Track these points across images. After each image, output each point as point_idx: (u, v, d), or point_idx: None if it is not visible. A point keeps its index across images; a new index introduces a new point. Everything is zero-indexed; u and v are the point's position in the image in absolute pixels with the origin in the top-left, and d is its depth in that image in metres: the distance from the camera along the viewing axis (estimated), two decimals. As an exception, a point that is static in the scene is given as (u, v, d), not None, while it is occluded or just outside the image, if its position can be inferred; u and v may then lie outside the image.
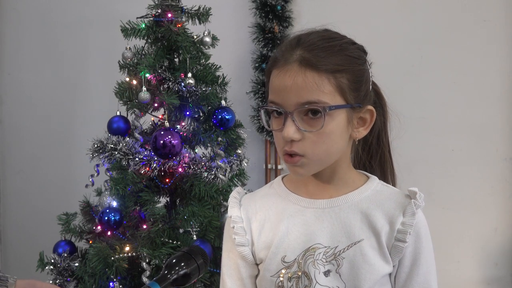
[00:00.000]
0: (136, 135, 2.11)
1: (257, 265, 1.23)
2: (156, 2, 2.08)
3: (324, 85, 1.10)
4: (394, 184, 1.29)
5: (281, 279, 1.18)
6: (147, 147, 2.06)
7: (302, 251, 1.17)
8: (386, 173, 1.29)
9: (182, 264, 1.05)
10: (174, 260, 1.06)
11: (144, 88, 1.98)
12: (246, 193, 1.31)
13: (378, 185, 1.22)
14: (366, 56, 1.20)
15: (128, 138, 2.05)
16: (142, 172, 2.00)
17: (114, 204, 2.00)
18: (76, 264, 2.07)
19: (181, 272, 1.05)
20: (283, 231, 1.19)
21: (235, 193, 1.28)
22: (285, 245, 1.18)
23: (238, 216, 1.23)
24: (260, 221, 1.22)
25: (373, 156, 1.29)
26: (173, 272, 1.04)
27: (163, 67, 2.07)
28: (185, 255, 1.07)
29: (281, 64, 1.13)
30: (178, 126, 2.10)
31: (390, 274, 1.19)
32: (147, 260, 1.92)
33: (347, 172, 1.21)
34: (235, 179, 2.14)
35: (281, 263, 1.18)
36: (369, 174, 1.25)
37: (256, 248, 1.21)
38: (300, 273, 1.17)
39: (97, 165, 2.13)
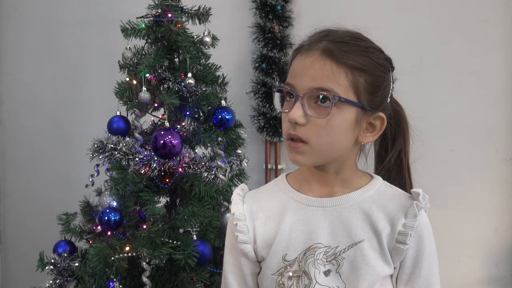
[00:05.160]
0: (136, 135, 2.11)
1: (259, 262, 1.23)
2: (156, 2, 2.08)
3: (341, 77, 1.11)
4: None
5: (282, 277, 1.18)
6: (147, 147, 2.06)
7: (303, 250, 1.17)
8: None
9: None
10: None
11: (144, 88, 1.98)
12: (250, 189, 1.31)
13: (381, 185, 1.22)
14: (392, 70, 1.21)
15: (128, 138, 2.05)
16: (142, 172, 2.00)
17: (114, 204, 2.00)
18: (76, 264, 2.07)
19: None
20: (285, 229, 1.19)
21: (239, 190, 1.28)
22: (286, 244, 1.18)
23: (241, 214, 1.23)
24: (263, 218, 1.22)
25: (393, 177, 1.28)
26: None
27: (163, 67, 2.07)
28: None
29: (305, 50, 1.15)
30: (178, 126, 2.10)
31: (391, 276, 1.19)
32: (147, 260, 1.92)
33: (351, 174, 1.21)
34: (235, 179, 2.14)
35: (282, 261, 1.18)
36: (374, 174, 1.25)
37: (258, 245, 1.22)
38: (300, 273, 1.17)
39: (97, 165, 2.13)
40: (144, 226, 1.97)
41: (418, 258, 1.17)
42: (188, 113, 2.11)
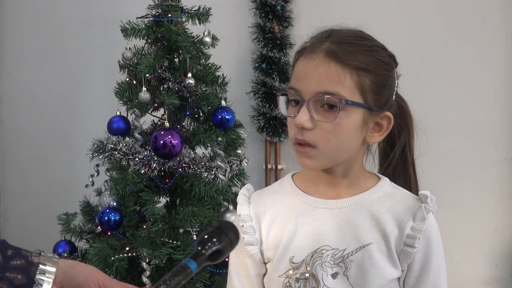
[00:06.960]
0: (136, 135, 2.11)
1: (265, 264, 1.22)
2: (156, 2, 2.08)
3: (346, 79, 1.09)
4: None
5: (289, 279, 1.17)
6: (147, 147, 2.06)
7: (310, 253, 1.16)
8: (411, 191, 1.26)
9: (215, 239, 1.00)
10: (206, 236, 1.01)
11: (144, 88, 1.99)
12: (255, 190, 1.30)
13: (389, 187, 1.21)
14: (396, 66, 1.19)
15: (128, 138, 2.05)
16: (142, 172, 2.00)
17: (114, 204, 2.00)
18: (76, 264, 2.07)
19: (214, 248, 0.99)
20: (292, 231, 1.18)
21: (245, 191, 1.26)
22: (293, 246, 1.17)
23: (247, 215, 1.22)
24: (269, 220, 1.21)
25: (398, 173, 1.27)
26: (206, 247, 0.99)
27: (163, 67, 2.07)
28: (217, 230, 1.02)
29: (308, 52, 1.13)
30: (178, 126, 2.10)
31: (399, 278, 1.18)
32: (147, 260, 1.92)
33: (358, 174, 1.20)
34: (235, 179, 2.14)
35: (289, 263, 1.17)
36: (381, 176, 1.24)
37: (264, 247, 1.20)
38: (308, 275, 1.16)
39: (97, 165, 2.13)
40: (144, 226, 1.97)
41: (426, 261, 1.17)
42: (188, 113, 2.11)
